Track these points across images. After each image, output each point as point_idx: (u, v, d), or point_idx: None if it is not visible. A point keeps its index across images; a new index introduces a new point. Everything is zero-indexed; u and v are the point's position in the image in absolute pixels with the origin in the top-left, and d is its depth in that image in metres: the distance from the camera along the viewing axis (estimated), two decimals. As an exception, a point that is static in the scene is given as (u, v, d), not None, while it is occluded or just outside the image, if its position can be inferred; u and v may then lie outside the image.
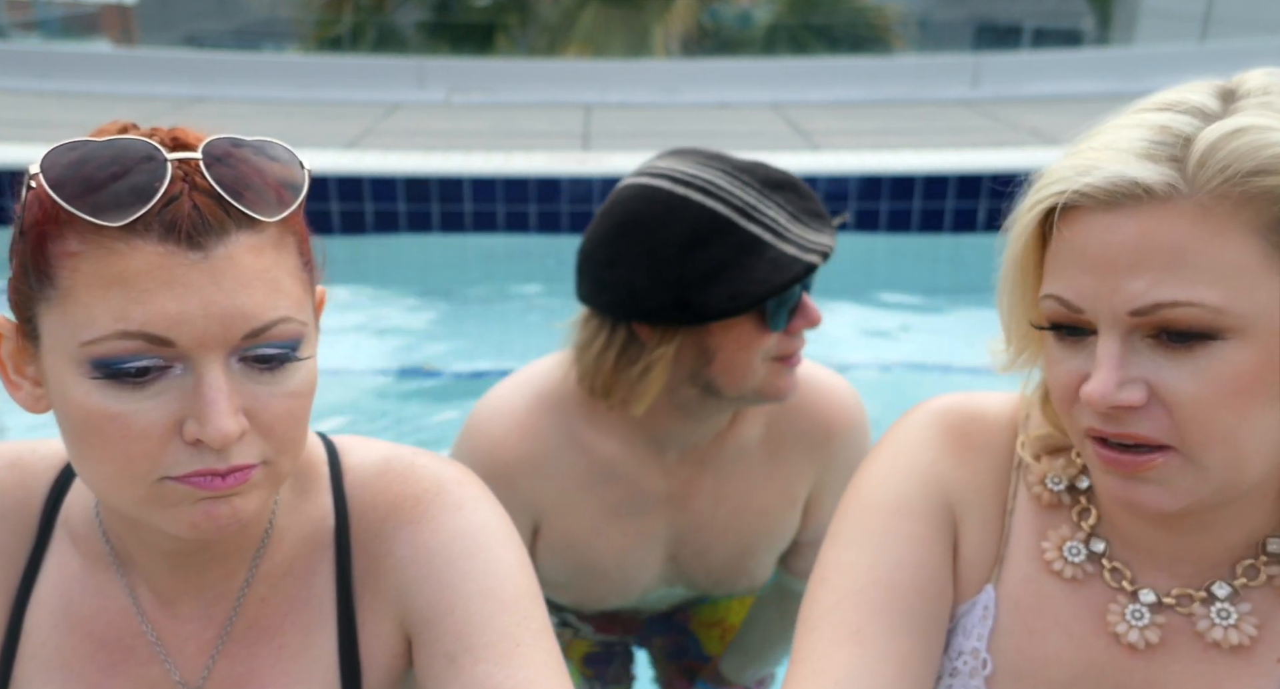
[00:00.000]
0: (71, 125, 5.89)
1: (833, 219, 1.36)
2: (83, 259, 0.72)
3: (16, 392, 0.81)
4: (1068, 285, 0.80)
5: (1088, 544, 0.93)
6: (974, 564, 0.96)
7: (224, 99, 7.15)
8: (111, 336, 0.72)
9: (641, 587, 1.59)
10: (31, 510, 0.93)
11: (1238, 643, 0.86)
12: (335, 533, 0.95)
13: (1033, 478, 0.97)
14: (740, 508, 1.53)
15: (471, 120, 6.69)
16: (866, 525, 0.96)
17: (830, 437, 1.53)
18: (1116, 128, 0.81)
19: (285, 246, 0.78)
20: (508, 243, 4.59)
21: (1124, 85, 7.24)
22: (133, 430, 0.74)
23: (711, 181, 1.33)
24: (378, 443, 1.01)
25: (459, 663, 0.87)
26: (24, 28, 13.17)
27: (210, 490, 0.76)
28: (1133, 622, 0.89)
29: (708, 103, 7.41)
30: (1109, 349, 0.77)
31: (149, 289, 0.71)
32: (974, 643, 0.94)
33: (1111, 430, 0.79)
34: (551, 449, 1.46)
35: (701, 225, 1.30)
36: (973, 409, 1.01)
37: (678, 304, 1.31)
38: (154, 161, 0.73)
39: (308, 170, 0.80)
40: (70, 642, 0.91)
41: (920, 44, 13.13)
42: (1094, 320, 0.79)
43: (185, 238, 0.72)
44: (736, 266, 1.30)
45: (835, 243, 1.32)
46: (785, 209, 1.32)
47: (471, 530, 0.93)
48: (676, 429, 1.45)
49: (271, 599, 0.93)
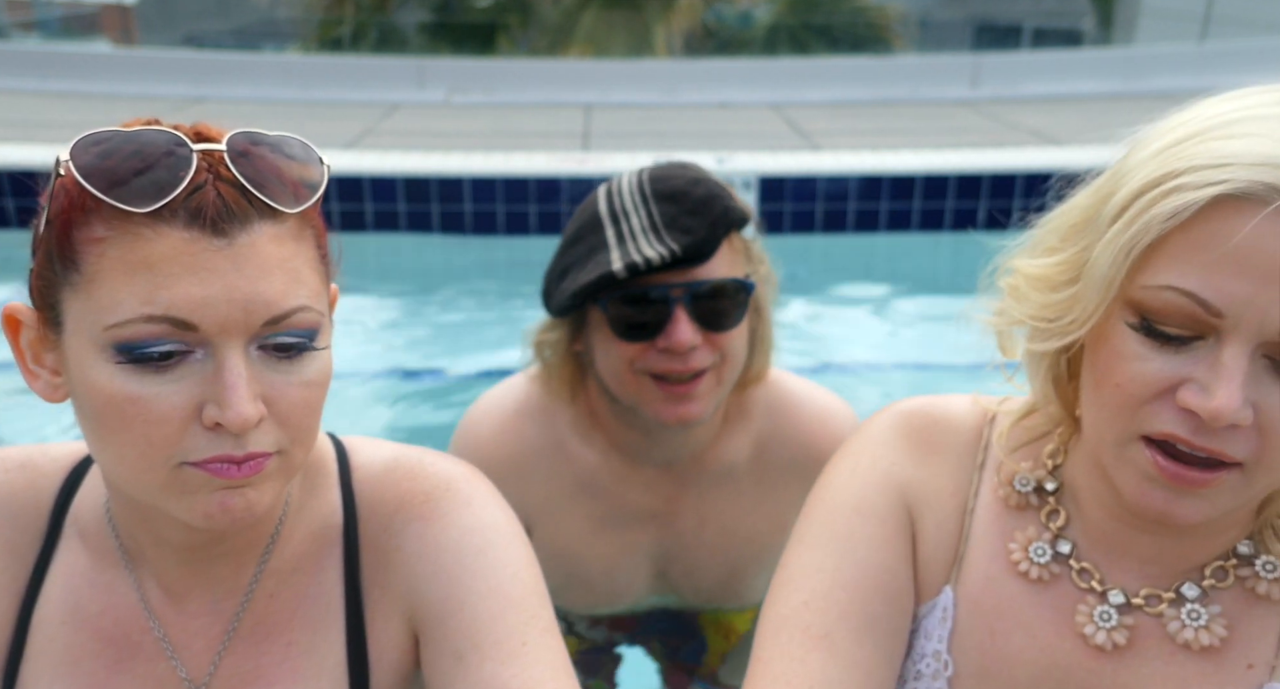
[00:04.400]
0: (71, 125, 5.89)
1: (725, 228, 1.29)
2: (109, 244, 0.73)
3: (35, 381, 0.82)
4: (1209, 284, 0.71)
5: (1054, 545, 0.92)
6: (932, 566, 0.96)
7: (224, 99, 7.14)
8: (137, 320, 0.73)
9: (631, 598, 1.59)
10: (41, 510, 0.94)
11: (1208, 644, 0.85)
12: (344, 530, 0.96)
13: (999, 479, 0.95)
14: (728, 530, 1.52)
15: (471, 120, 6.69)
16: (830, 526, 0.96)
17: (821, 465, 1.50)
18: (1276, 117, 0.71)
19: (304, 238, 0.80)
20: (508, 243, 4.59)
21: (1124, 85, 7.24)
22: (154, 414, 0.75)
23: (619, 186, 1.34)
24: (386, 443, 1.02)
25: (466, 661, 0.87)
26: (24, 28, 13.17)
27: (226, 479, 0.77)
28: (1100, 623, 0.88)
29: (708, 103, 7.40)
30: (1239, 364, 0.71)
31: (174, 274, 0.73)
32: (935, 645, 0.94)
33: (1200, 443, 0.74)
34: (535, 453, 1.48)
35: (584, 225, 1.34)
36: (936, 411, 1.00)
37: (545, 295, 1.39)
38: (180, 151, 0.74)
39: (327, 165, 0.82)
40: (78, 639, 0.91)
41: (920, 44, 13.13)
42: (1228, 329, 0.71)
43: (210, 225, 0.74)
44: (580, 266, 1.32)
45: (681, 253, 1.25)
46: (650, 219, 1.29)
47: (480, 528, 0.93)
48: (637, 440, 1.45)
49: (280, 595, 0.93)
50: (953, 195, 4.75)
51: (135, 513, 0.88)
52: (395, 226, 4.70)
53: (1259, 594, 0.87)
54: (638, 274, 1.25)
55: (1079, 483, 0.92)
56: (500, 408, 1.51)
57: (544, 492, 1.47)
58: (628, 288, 1.27)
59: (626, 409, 1.38)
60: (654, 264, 1.25)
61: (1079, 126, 6.01)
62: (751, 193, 4.71)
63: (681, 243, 1.26)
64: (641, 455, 1.47)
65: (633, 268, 1.25)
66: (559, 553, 1.51)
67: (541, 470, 1.48)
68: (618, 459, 1.48)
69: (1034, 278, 0.86)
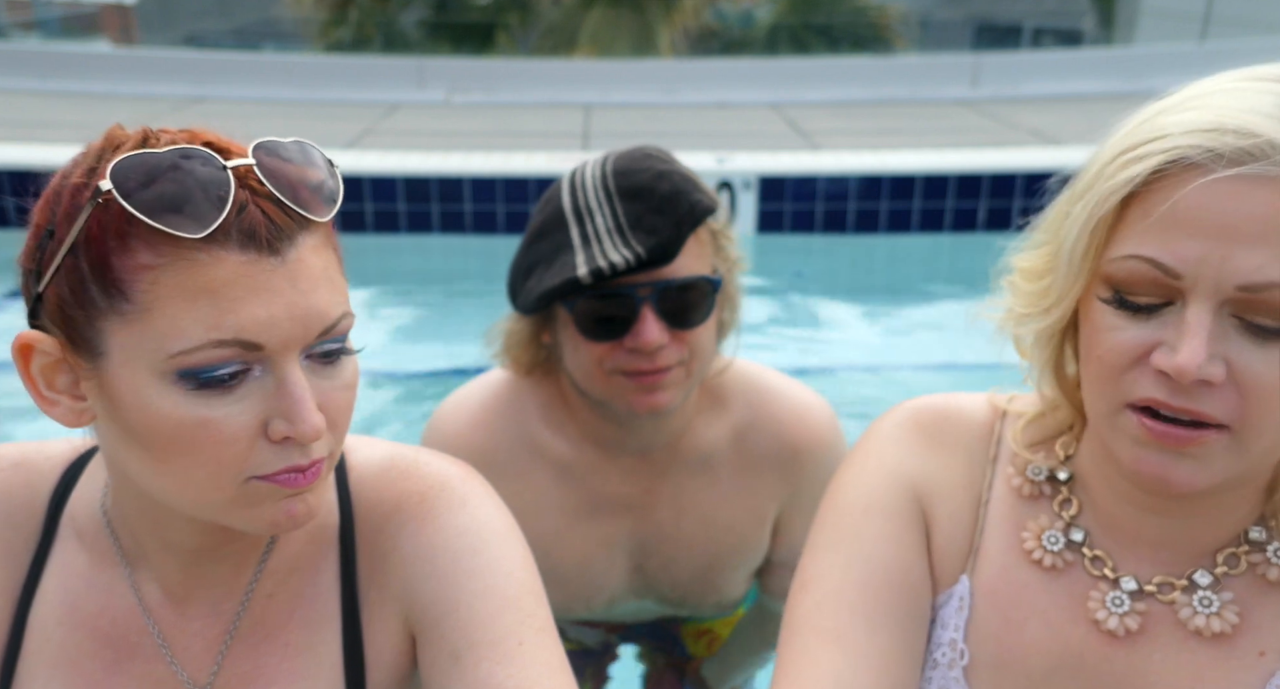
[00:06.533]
0: (72, 125, 5.89)
1: (692, 225, 1.27)
2: (162, 272, 0.73)
3: (53, 407, 0.81)
4: (1166, 248, 0.74)
5: (1067, 533, 0.93)
6: (948, 556, 0.97)
7: (224, 99, 7.14)
8: (206, 346, 0.73)
9: (607, 597, 1.58)
10: (36, 509, 0.94)
11: (1219, 631, 0.86)
12: (340, 530, 0.96)
13: (1012, 469, 0.97)
14: (706, 521, 1.52)
15: (471, 120, 6.69)
16: (840, 528, 0.96)
17: (798, 457, 1.50)
18: (1230, 91, 0.75)
19: (330, 244, 0.81)
20: (508, 243, 4.57)
21: (1124, 85, 7.24)
22: (224, 435, 0.75)
23: (582, 179, 1.33)
24: (381, 442, 1.02)
25: (463, 661, 0.87)
26: (24, 28, 13.17)
27: (293, 488, 0.79)
28: (1113, 608, 0.89)
29: (708, 103, 7.41)
30: (1202, 319, 0.73)
31: (237, 297, 0.73)
32: (951, 634, 0.94)
33: (1178, 404, 0.76)
34: (506, 446, 1.47)
35: (548, 220, 1.33)
36: (946, 407, 1.01)
37: (511, 290, 1.38)
38: (214, 171, 0.74)
39: (337, 167, 0.83)
40: (74, 639, 0.91)
41: (920, 44, 13.13)
42: (1188, 289, 0.74)
43: (265, 244, 0.74)
44: (545, 265, 1.31)
45: (646, 256, 1.24)
46: (614, 218, 1.28)
47: (476, 527, 0.93)
48: (611, 430, 1.44)
49: (278, 595, 0.94)
50: (953, 195, 4.76)
51: (145, 518, 0.88)
52: (395, 227, 4.70)
53: (1271, 581, 0.87)
54: (603, 279, 1.25)
55: (1089, 470, 0.93)
56: (469, 402, 1.50)
57: (516, 485, 1.45)
58: (593, 289, 1.26)
59: (598, 402, 1.38)
60: (619, 269, 1.24)
61: (1079, 126, 6.01)
62: (751, 193, 4.71)
63: (647, 244, 1.25)
64: (615, 445, 1.46)
65: (598, 273, 1.24)
66: (533, 547, 1.51)
67: (513, 464, 1.47)
68: (591, 449, 1.47)
69: (1024, 271, 0.90)
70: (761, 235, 4.72)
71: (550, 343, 1.42)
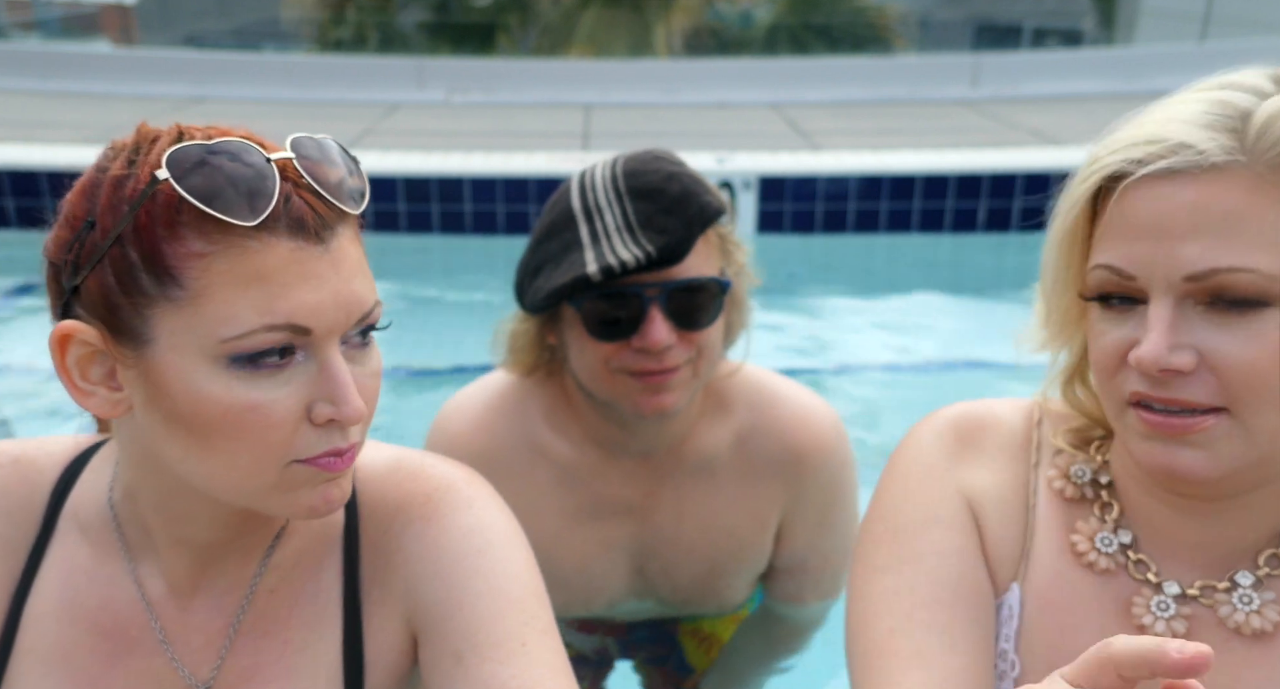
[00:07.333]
0: (72, 125, 5.89)
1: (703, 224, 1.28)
2: (214, 258, 0.75)
3: (88, 398, 0.81)
4: (1120, 253, 0.81)
5: (1116, 535, 0.94)
6: (999, 563, 0.97)
7: (224, 99, 7.14)
8: (258, 331, 0.76)
9: (606, 598, 1.57)
10: (35, 505, 0.94)
11: (1259, 628, 0.87)
12: (345, 529, 0.96)
13: (1054, 472, 0.98)
14: (707, 525, 1.51)
15: (471, 120, 6.69)
16: (898, 548, 0.96)
17: (801, 463, 1.50)
18: (1174, 104, 0.82)
19: (359, 237, 0.85)
20: (508, 243, 4.58)
21: (1124, 85, 7.24)
22: (272, 418, 0.78)
23: (591, 179, 1.33)
24: (387, 445, 1.03)
25: (465, 662, 0.87)
26: (24, 28, 13.17)
27: (332, 472, 0.81)
28: (1158, 613, 0.90)
29: (708, 103, 7.41)
30: (1160, 313, 0.79)
31: (288, 283, 0.76)
32: (1002, 644, 0.94)
33: (1160, 395, 0.80)
34: (508, 448, 1.47)
35: (557, 220, 1.33)
36: (984, 413, 1.02)
37: (518, 290, 1.39)
38: (260, 162, 0.76)
39: (358, 160, 0.86)
40: (72, 634, 0.91)
41: (920, 44, 13.13)
42: (1146, 287, 0.80)
43: (313, 233, 0.77)
44: (554, 264, 1.31)
45: (656, 255, 1.25)
46: (624, 217, 1.28)
47: (480, 529, 0.94)
48: (614, 432, 1.44)
49: (280, 590, 0.94)
50: (953, 195, 4.75)
51: (164, 511, 0.88)
52: (395, 227, 4.70)
53: None
54: (612, 277, 1.25)
55: (1122, 473, 0.94)
56: (471, 403, 1.51)
57: (516, 487, 1.45)
58: (602, 288, 1.27)
59: (602, 402, 1.38)
60: (629, 267, 1.24)
61: (1079, 126, 6.01)
62: (751, 193, 4.71)
63: (657, 244, 1.25)
64: (618, 447, 1.46)
65: (607, 271, 1.24)
66: (533, 548, 1.51)
67: (515, 465, 1.47)
68: (594, 451, 1.47)
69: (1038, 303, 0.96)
70: (761, 235, 4.72)
71: (555, 344, 1.41)
